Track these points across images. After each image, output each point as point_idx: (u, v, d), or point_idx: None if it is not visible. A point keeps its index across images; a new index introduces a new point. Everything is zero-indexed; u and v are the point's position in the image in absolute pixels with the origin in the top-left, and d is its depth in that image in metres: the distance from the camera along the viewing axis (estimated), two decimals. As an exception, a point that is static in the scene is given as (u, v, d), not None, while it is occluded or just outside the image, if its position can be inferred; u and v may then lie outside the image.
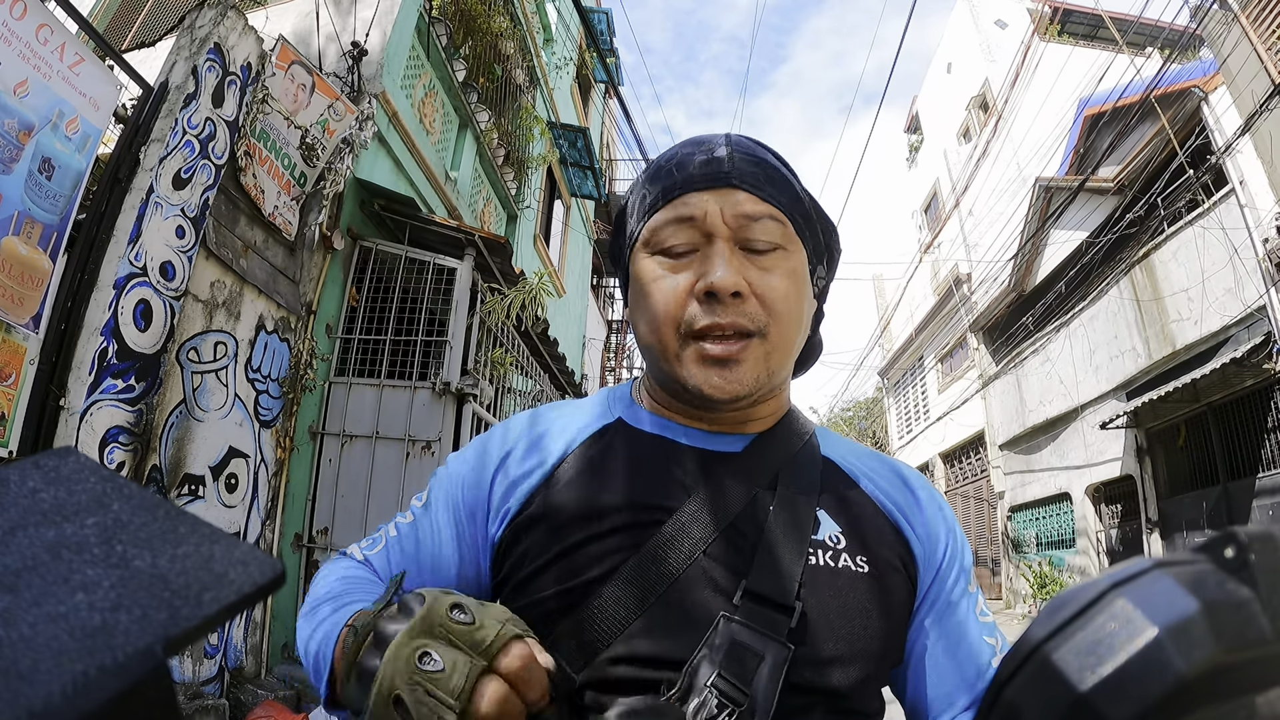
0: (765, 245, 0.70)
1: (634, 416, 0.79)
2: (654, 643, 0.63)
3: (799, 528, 0.69)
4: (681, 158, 0.73)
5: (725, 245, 0.69)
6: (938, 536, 0.76)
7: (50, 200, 2.95)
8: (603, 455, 0.75)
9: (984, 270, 13.92)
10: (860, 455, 0.82)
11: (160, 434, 3.45)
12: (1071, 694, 0.24)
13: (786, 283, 0.71)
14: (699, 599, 0.65)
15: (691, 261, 0.71)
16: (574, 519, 0.70)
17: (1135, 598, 0.25)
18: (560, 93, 10.37)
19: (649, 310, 0.72)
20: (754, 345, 0.69)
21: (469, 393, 4.76)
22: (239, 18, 3.93)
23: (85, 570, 0.20)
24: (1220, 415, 8.41)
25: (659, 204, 0.72)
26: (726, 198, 0.70)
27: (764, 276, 0.70)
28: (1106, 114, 10.19)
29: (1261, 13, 7.27)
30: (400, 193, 5.18)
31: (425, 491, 0.81)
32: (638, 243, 0.75)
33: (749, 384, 0.70)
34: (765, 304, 0.69)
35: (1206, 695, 0.24)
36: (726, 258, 0.68)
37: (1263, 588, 0.25)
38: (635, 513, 0.69)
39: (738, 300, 0.68)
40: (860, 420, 27.09)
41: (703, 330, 0.69)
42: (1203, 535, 0.28)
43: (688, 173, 0.72)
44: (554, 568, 0.68)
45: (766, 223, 0.70)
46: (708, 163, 0.72)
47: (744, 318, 0.68)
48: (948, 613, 0.74)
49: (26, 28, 2.82)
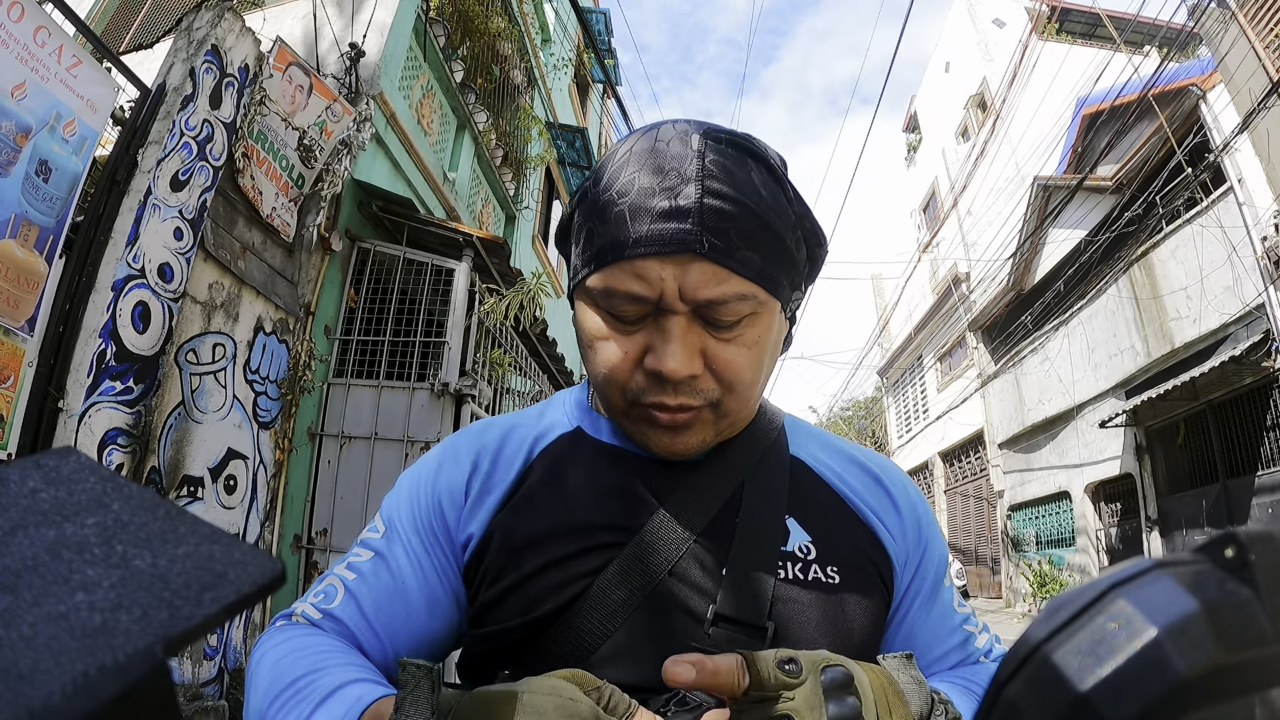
0: (729, 321, 0.62)
1: (593, 426, 0.75)
2: (624, 671, 0.59)
3: (768, 542, 0.65)
4: (636, 198, 0.60)
5: (682, 321, 0.61)
6: (913, 534, 0.73)
7: (47, 203, 2.95)
8: (563, 470, 0.71)
9: (983, 269, 13.94)
10: (831, 452, 0.77)
11: (159, 436, 3.44)
12: (1071, 694, 0.24)
13: (749, 354, 0.64)
14: (668, 626, 0.62)
15: (641, 327, 0.63)
16: (535, 542, 0.66)
17: (1135, 598, 0.25)
18: (558, 93, 10.37)
19: (594, 366, 0.66)
20: (704, 413, 0.64)
21: (467, 393, 4.76)
22: (236, 19, 3.93)
23: (85, 570, 0.20)
24: (1219, 413, 8.42)
25: (607, 258, 0.61)
26: (687, 271, 0.59)
27: (724, 350, 0.62)
28: (1104, 112, 10.21)
29: (1259, 11, 7.28)
30: (398, 194, 5.18)
31: (376, 523, 0.73)
32: (582, 285, 0.65)
33: (696, 446, 0.67)
34: (721, 379, 0.63)
35: (1206, 695, 0.24)
36: (680, 338, 0.60)
37: (1263, 588, 0.25)
38: (598, 534, 0.66)
39: (691, 381, 0.62)
40: (860, 419, 27.11)
41: (650, 404, 0.64)
42: (1202, 533, 0.28)
43: (644, 229, 0.59)
44: (516, 594, 0.64)
45: (735, 304, 0.60)
46: (671, 214, 0.58)
47: (694, 396, 0.63)
48: (927, 605, 0.73)
49: (24, 30, 2.82)
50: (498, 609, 0.65)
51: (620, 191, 0.61)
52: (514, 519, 0.68)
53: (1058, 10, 14.54)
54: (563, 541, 0.66)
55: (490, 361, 5.25)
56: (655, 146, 0.61)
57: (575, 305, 0.69)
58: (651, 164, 0.60)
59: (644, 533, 0.65)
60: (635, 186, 0.60)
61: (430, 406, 4.69)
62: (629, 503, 0.68)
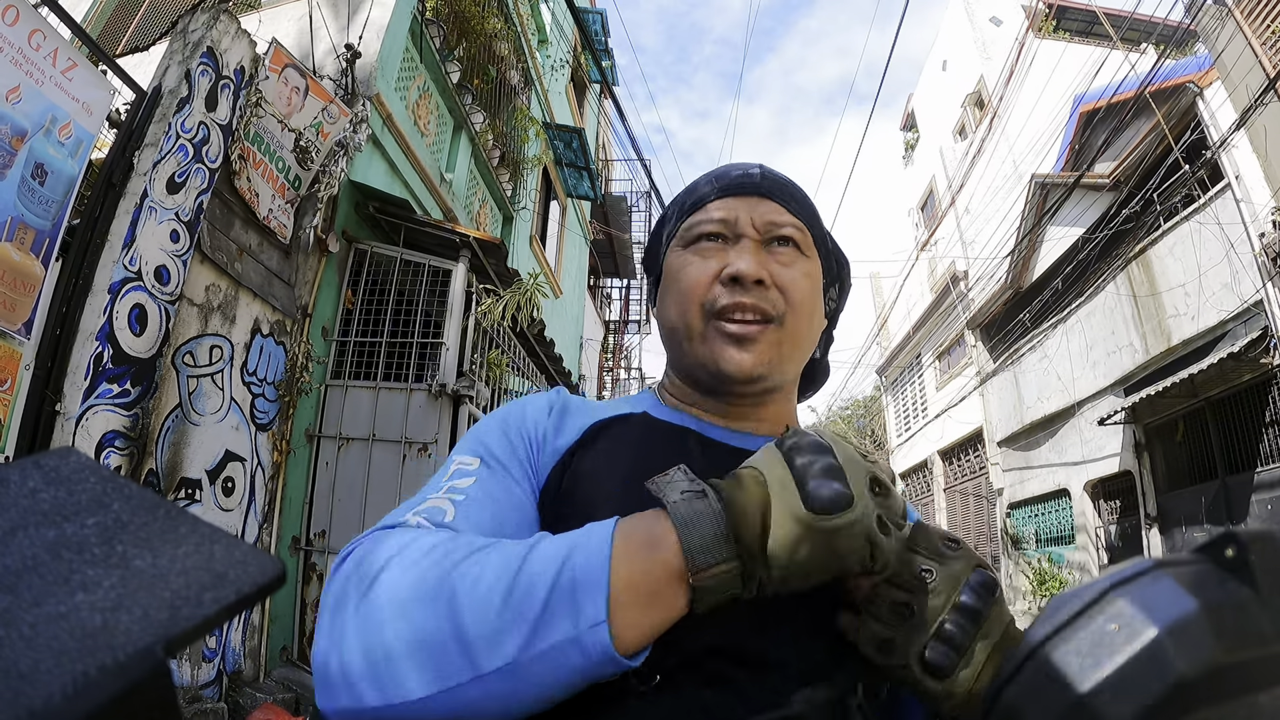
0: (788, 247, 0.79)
1: (657, 410, 0.82)
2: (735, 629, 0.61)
3: None
4: (719, 173, 0.83)
5: (752, 243, 0.77)
6: None
7: (43, 206, 2.94)
8: (628, 435, 0.77)
9: (981, 267, 13.94)
10: None
11: (156, 438, 3.44)
12: (1072, 694, 0.24)
13: (805, 280, 0.78)
14: None
15: (721, 253, 0.78)
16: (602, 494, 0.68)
17: (1135, 598, 0.25)
18: (555, 94, 10.36)
19: (678, 292, 0.79)
20: (770, 330, 0.75)
21: (465, 394, 4.76)
22: (232, 21, 3.92)
23: (85, 570, 0.20)
24: (1218, 410, 8.43)
25: (697, 207, 0.81)
26: (756, 206, 0.79)
27: (784, 271, 0.77)
28: (1101, 110, 10.20)
29: (1256, 8, 7.29)
30: (395, 195, 5.17)
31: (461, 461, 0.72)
32: (674, 239, 0.83)
33: (762, 363, 0.75)
34: (785, 294, 0.76)
35: (1207, 695, 0.24)
36: (752, 251, 0.76)
37: (1262, 588, 0.25)
38: None
39: (760, 287, 0.74)
40: (859, 418, 27.13)
41: (725, 308, 0.74)
42: (1201, 530, 0.28)
43: (725, 183, 0.81)
44: None
45: (790, 229, 0.79)
46: (743, 177, 0.81)
47: (765, 302, 0.74)
48: None
49: (19, 33, 2.82)
50: None
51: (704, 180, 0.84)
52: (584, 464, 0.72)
53: (1055, 8, 14.55)
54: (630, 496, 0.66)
55: (488, 362, 5.24)
56: (725, 165, 0.86)
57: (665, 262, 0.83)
58: (727, 165, 0.86)
59: None
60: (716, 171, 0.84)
61: (428, 407, 4.69)
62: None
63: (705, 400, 0.80)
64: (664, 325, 0.82)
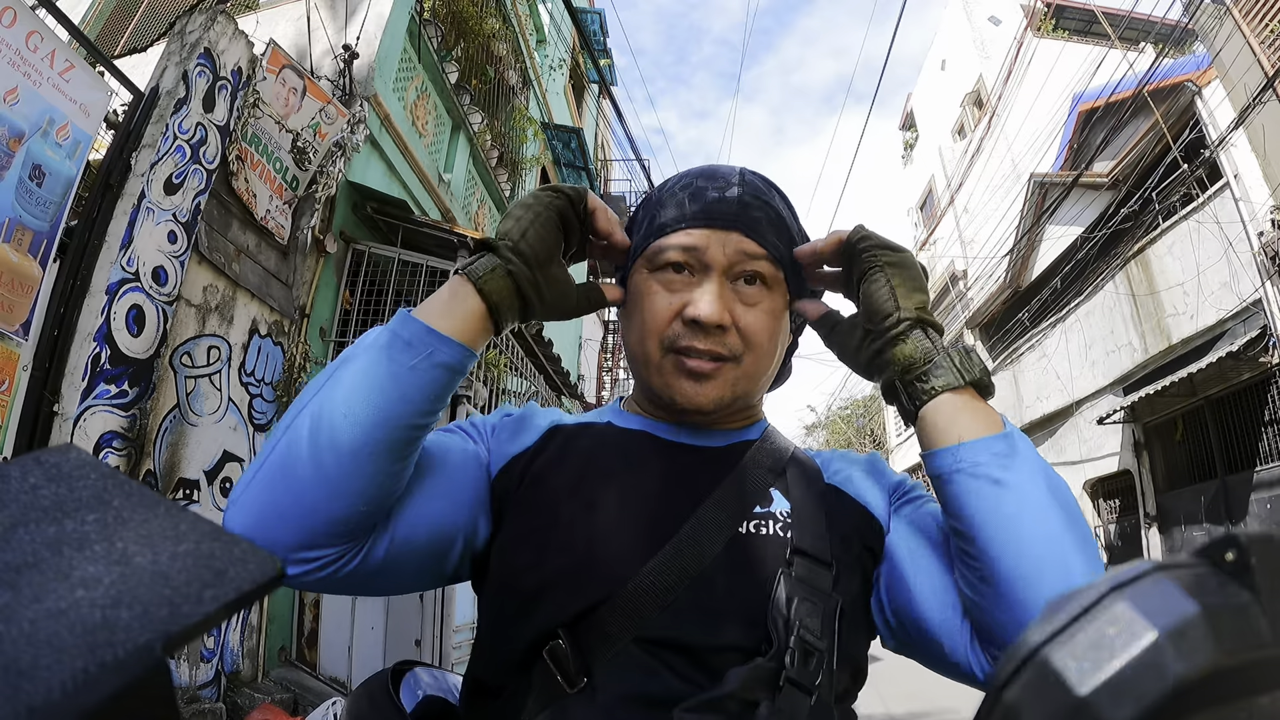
0: (754, 286, 0.78)
1: (620, 419, 0.86)
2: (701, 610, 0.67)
3: (817, 500, 0.76)
4: (696, 189, 0.80)
5: (718, 278, 0.76)
6: (880, 487, 0.82)
7: (41, 207, 2.94)
8: (587, 440, 0.81)
9: (980, 267, 13.96)
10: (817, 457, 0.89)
11: (154, 439, 3.44)
12: (1070, 697, 0.24)
13: (767, 319, 0.78)
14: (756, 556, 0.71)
15: (685, 287, 0.77)
16: (559, 493, 0.74)
17: (1135, 601, 0.25)
18: (554, 94, 10.36)
19: (639, 322, 0.79)
20: (727, 369, 0.76)
21: (463, 394, 4.76)
22: (229, 23, 3.92)
23: (86, 567, 0.20)
24: (1217, 409, 8.43)
25: (667, 229, 0.79)
26: (728, 237, 0.77)
27: (748, 312, 0.77)
28: (1100, 109, 10.20)
29: (1254, 7, 7.30)
30: (393, 195, 5.17)
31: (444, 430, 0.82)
32: (640, 256, 0.81)
33: (715, 399, 0.77)
34: (744, 337, 0.76)
35: (1206, 698, 0.24)
36: (716, 291, 0.76)
37: (1263, 591, 0.25)
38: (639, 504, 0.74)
39: (720, 331, 0.75)
40: (858, 418, 27.13)
41: (683, 348, 0.75)
42: (1201, 529, 0.28)
43: (698, 206, 0.78)
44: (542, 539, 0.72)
45: (759, 264, 0.77)
46: (719, 201, 0.78)
47: (721, 346, 0.75)
48: (918, 521, 0.77)
49: (16, 35, 2.82)
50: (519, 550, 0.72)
51: (682, 186, 0.81)
52: (539, 467, 0.77)
53: (1053, 7, 14.55)
54: (587, 496, 0.75)
55: (486, 362, 5.24)
56: (708, 167, 0.84)
57: (630, 280, 0.82)
58: (706, 172, 0.82)
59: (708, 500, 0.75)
60: (694, 184, 0.81)
61: (428, 408, 4.68)
62: (653, 475, 0.77)
63: (666, 413, 0.83)
64: (627, 347, 0.84)
